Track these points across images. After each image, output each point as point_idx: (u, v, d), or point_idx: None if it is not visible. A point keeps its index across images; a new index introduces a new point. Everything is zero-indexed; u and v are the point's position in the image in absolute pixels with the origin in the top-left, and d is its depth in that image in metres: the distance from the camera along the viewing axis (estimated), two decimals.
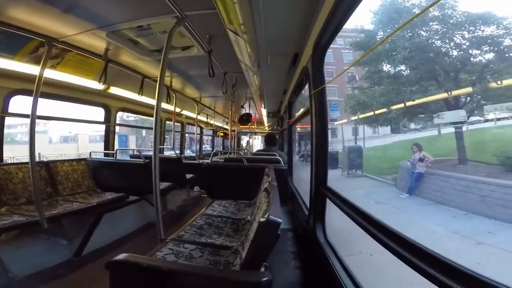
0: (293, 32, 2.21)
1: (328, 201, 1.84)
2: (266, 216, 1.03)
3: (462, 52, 6.97)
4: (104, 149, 4.11)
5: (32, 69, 2.61)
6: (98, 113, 4.12)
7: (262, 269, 1.11)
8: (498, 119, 6.32)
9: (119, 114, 5.32)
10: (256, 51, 2.58)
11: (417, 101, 8.14)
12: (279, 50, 2.59)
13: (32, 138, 2.34)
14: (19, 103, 2.91)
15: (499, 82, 5.93)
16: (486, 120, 6.73)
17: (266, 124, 11.19)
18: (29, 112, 2.38)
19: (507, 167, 4.82)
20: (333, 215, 1.91)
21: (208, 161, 3.36)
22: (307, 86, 2.47)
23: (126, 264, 1.07)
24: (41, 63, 2.40)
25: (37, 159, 2.92)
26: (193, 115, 6.38)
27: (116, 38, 2.63)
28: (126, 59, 3.26)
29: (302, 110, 2.94)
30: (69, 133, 20.22)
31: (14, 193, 2.62)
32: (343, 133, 14.73)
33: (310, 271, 1.98)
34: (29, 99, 2.44)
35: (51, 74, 2.88)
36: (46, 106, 3.40)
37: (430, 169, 6.16)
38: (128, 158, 4.83)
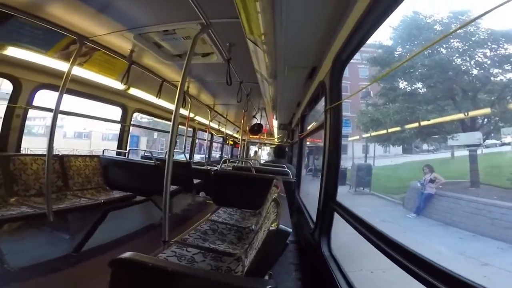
0: (313, 45, 2.22)
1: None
2: (275, 225, 1.03)
3: (482, 71, 6.70)
4: (117, 148, 4.17)
5: (60, 65, 2.71)
6: (113, 112, 4.23)
7: (266, 277, 1.12)
8: None
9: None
10: (274, 62, 2.61)
11: (431, 121, 7.93)
12: (297, 62, 2.61)
13: (53, 132, 2.40)
14: (40, 97, 3.00)
15: None
16: (503, 144, 6.51)
17: (276, 135, 11.19)
18: (51, 106, 2.46)
19: None
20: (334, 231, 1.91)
21: (217, 167, 3.37)
22: (322, 101, 2.47)
23: (131, 263, 1.07)
24: (71, 60, 2.48)
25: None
26: (206, 121, 6.44)
27: (142, 40, 2.72)
28: (149, 62, 3.36)
29: (314, 124, 2.94)
30: (83, 129, 20.69)
31: (26, 184, 2.65)
32: (353, 150, 14.56)
33: (312, 284, 1.95)
34: (51, 94, 2.52)
35: (77, 71, 2.96)
36: (66, 101, 3.57)
37: (440, 191, 6.02)
38: (139, 159, 4.89)
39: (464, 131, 7.06)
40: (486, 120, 6.66)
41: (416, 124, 8.33)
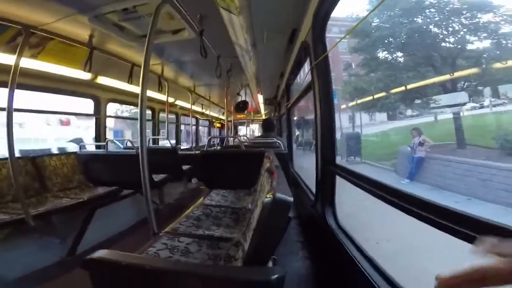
0: (290, 5, 2.06)
1: None
2: (270, 195, 0.86)
3: (458, 39, 6.97)
4: (95, 141, 3.92)
5: (9, 59, 2.41)
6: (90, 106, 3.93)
7: (270, 264, 0.95)
8: (494, 105, 6.21)
9: (114, 108, 5.13)
10: (252, 29, 2.42)
11: (413, 85, 8.11)
12: (276, 26, 2.43)
13: (10, 132, 2.20)
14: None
15: (495, 66, 5.94)
16: (482, 107, 6.64)
17: (263, 112, 11.02)
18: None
19: (507, 150, 4.72)
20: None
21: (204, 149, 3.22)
22: (306, 65, 2.30)
23: (104, 263, 0.92)
24: (17, 52, 2.22)
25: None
26: (188, 105, 6.18)
27: (99, 23, 2.43)
28: (113, 46, 3.07)
29: (302, 88, 2.78)
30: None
31: None
32: (340, 121, 14.62)
33: (323, 261, 1.84)
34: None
35: (32, 64, 2.69)
36: (43, 101, 3.32)
37: (430, 154, 6.05)
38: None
39: (445, 93, 7.31)
40: (465, 84, 6.94)
41: (399, 90, 8.57)
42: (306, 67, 2.79)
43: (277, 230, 0.90)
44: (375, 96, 9.60)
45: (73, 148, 5.41)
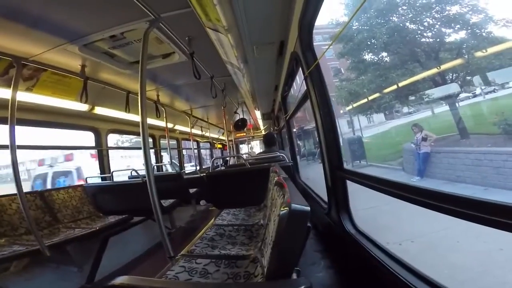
0: (276, 16, 2.10)
1: None
2: (285, 208, 0.84)
3: (435, 32, 7.12)
4: (100, 173, 3.94)
5: (7, 94, 2.44)
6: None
7: (294, 276, 0.91)
8: (486, 93, 6.20)
9: (115, 139, 5.15)
10: (241, 45, 2.45)
11: (404, 82, 8.17)
12: (264, 39, 2.47)
13: (16, 169, 2.22)
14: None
15: (477, 55, 5.98)
16: (475, 96, 6.61)
17: (262, 127, 11.06)
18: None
19: (511, 134, 4.61)
20: None
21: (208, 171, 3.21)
22: (299, 75, 2.33)
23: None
24: (12, 85, 2.24)
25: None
26: (188, 130, 6.21)
27: (90, 52, 2.49)
28: (106, 75, 3.12)
29: (299, 98, 2.79)
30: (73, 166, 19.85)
31: (11, 224, 2.56)
32: (339, 127, 14.64)
33: (346, 268, 1.78)
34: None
35: (28, 97, 2.72)
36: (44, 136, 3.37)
37: (435, 147, 5.92)
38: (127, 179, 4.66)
39: (436, 87, 7.33)
40: (454, 75, 6.95)
41: (392, 88, 8.59)
42: (299, 77, 2.82)
43: (298, 240, 0.88)
44: (370, 98, 9.65)
45: None
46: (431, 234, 3.22)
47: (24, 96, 2.66)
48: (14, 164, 2.21)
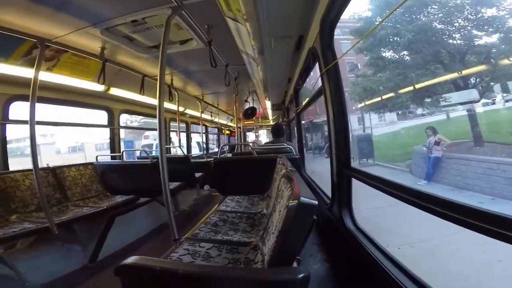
0: (297, 11, 2.09)
1: None
2: (293, 200, 0.90)
3: (465, 34, 6.81)
4: (110, 152, 4.05)
5: (29, 73, 2.53)
6: (103, 117, 4.06)
7: (295, 264, 0.97)
8: (507, 101, 5.98)
9: (124, 118, 5.26)
10: (259, 36, 2.45)
11: (422, 84, 7.92)
12: (283, 32, 2.45)
13: (33, 144, 2.27)
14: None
15: (502, 62, 5.75)
16: (494, 103, 6.39)
17: (271, 117, 11.04)
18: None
19: None
20: None
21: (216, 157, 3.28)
22: (314, 71, 2.32)
23: (137, 268, 0.95)
24: (35, 65, 2.30)
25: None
26: (197, 114, 6.28)
27: (111, 35, 2.54)
28: (124, 58, 3.17)
29: (312, 94, 2.79)
30: (76, 143, 20.31)
31: (23, 201, 2.59)
32: (350, 123, 14.45)
33: (342, 262, 1.84)
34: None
35: (48, 77, 2.80)
36: (55, 112, 3.44)
37: (447, 153, 5.81)
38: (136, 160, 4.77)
39: (457, 91, 7.08)
40: (477, 80, 6.68)
41: (409, 89, 8.36)
42: (314, 72, 2.80)
43: (303, 232, 0.94)
44: (384, 97, 9.46)
45: None
46: (432, 240, 3.23)
47: (45, 76, 2.73)
48: (33, 139, 2.26)
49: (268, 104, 7.21)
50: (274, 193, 1.77)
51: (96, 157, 3.57)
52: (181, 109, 5.60)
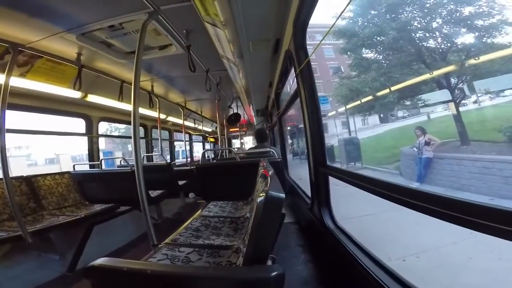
0: (272, 14, 2.14)
1: None
2: (263, 194, 0.87)
3: (447, 32, 6.85)
4: (89, 161, 3.91)
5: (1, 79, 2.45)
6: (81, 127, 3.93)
7: (269, 262, 0.95)
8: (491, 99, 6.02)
9: (104, 128, 5.12)
10: (237, 39, 2.48)
11: (399, 86, 8.05)
12: (260, 36, 2.51)
13: (3, 153, 2.19)
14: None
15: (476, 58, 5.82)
16: (475, 102, 6.42)
17: (255, 123, 11.08)
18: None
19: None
20: None
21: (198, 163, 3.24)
22: (292, 72, 2.36)
23: (105, 270, 0.91)
24: (6, 71, 2.22)
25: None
26: (180, 121, 6.21)
27: (87, 41, 2.50)
28: (102, 64, 3.11)
29: (290, 94, 2.84)
30: (54, 154, 19.55)
31: None
32: (336, 127, 14.71)
33: (324, 262, 1.85)
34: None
35: (21, 83, 2.71)
36: (32, 121, 3.34)
37: (437, 153, 5.64)
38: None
39: (440, 89, 7.07)
40: (457, 80, 6.72)
41: (396, 88, 8.30)
42: (292, 76, 2.86)
43: (272, 227, 0.91)
44: (363, 100, 9.59)
45: None
46: (439, 249, 2.96)
47: (17, 82, 2.64)
48: (2, 148, 2.17)
49: (253, 110, 7.24)
50: (255, 195, 1.76)
51: (74, 166, 3.43)
52: (163, 116, 5.52)
